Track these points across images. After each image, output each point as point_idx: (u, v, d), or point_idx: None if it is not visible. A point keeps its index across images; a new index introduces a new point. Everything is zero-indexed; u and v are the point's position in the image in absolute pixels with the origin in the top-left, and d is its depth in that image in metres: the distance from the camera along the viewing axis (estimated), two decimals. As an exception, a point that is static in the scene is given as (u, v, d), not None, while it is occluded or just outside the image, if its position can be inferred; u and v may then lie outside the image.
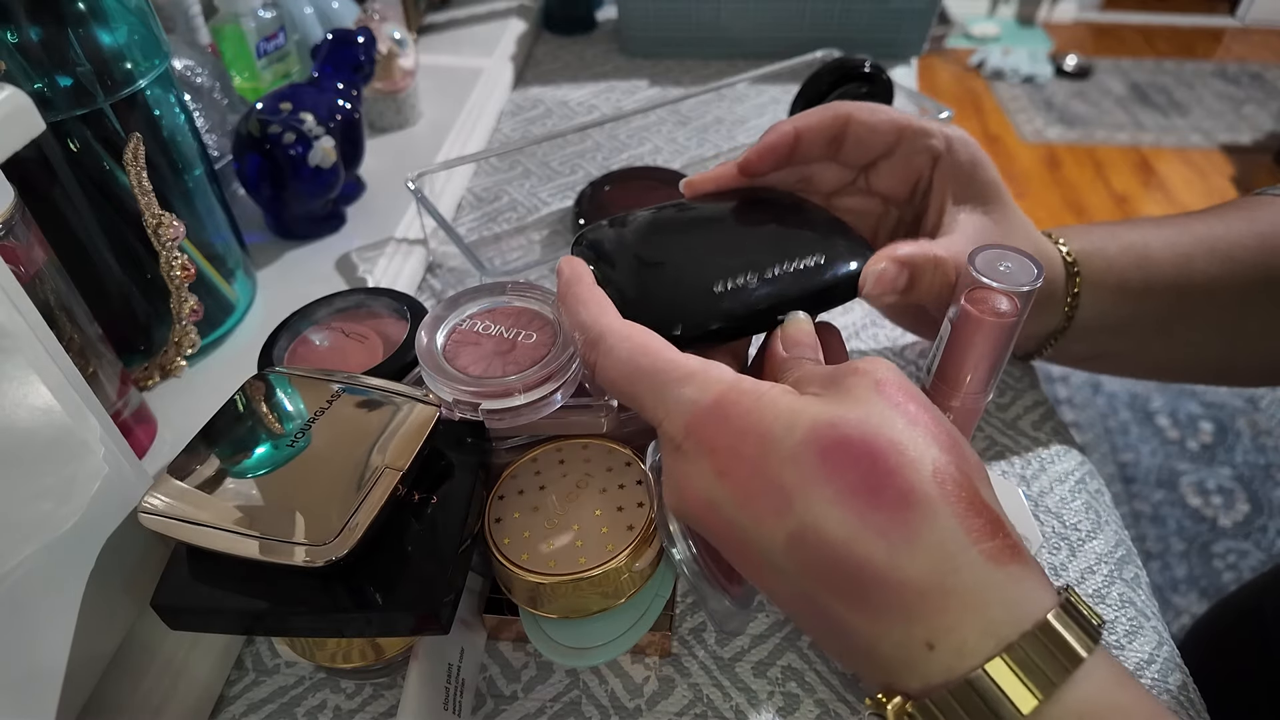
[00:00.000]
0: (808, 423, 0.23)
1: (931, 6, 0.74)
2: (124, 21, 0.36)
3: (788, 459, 0.22)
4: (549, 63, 0.82)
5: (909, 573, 0.20)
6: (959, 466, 0.22)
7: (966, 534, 0.21)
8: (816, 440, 0.22)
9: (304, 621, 0.26)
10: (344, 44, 0.54)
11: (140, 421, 0.38)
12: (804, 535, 0.22)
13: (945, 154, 0.35)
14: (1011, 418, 0.44)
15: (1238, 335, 0.39)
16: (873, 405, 0.23)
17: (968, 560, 0.20)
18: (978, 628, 0.20)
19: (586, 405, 0.32)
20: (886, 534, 0.21)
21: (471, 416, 0.30)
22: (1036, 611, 0.20)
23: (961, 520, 0.21)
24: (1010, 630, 0.20)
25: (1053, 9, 3.00)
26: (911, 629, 0.20)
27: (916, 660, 0.20)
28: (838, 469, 0.22)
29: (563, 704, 0.33)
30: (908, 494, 0.21)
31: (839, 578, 0.21)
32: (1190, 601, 1.25)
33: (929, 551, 0.21)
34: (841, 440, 0.22)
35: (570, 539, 0.30)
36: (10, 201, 0.29)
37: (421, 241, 0.55)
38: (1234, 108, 2.51)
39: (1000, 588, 0.20)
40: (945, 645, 0.20)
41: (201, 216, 0.43)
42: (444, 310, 0.33)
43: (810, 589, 0.22)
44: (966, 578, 0.20)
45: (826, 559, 0.21)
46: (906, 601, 0.21)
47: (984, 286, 0.29)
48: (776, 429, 0.23)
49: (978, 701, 0.19)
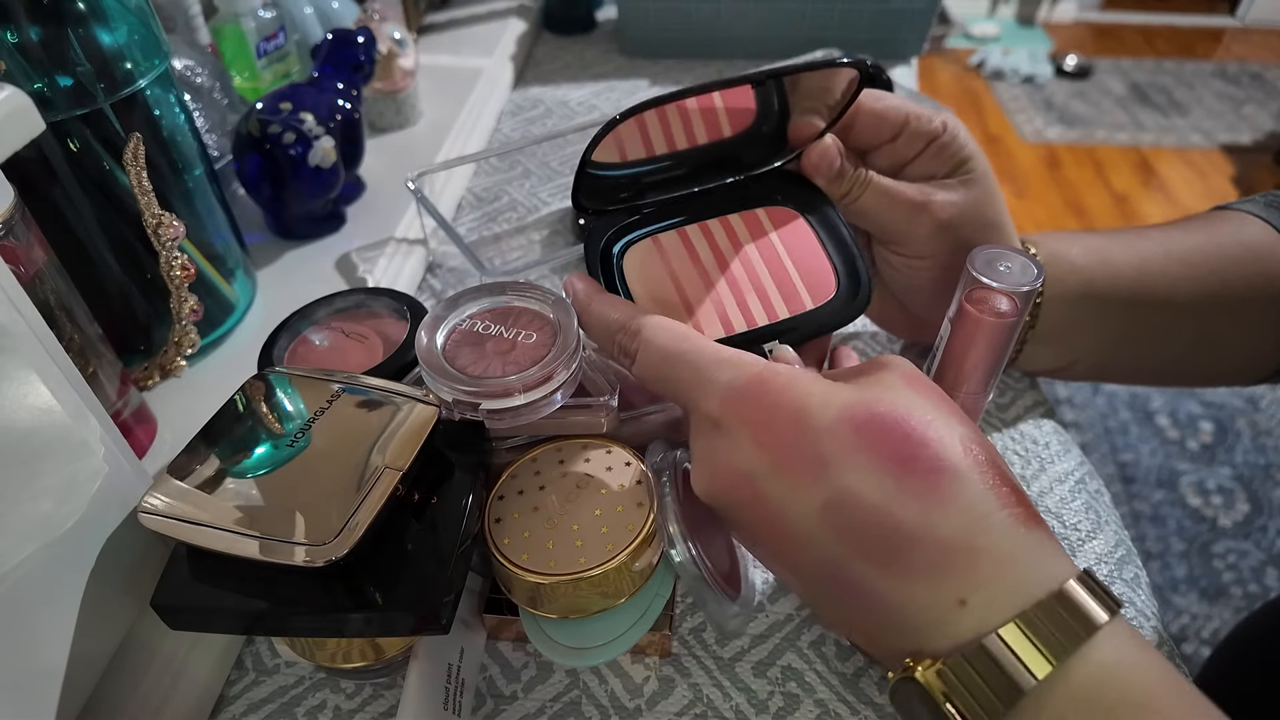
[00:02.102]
0: (842, 402, 0.24)
1: (931, 6, 0.74)
2: (124, 21, 0.36)
3: (824, 432, 0.24)
4: (549, 63, 0.82)
5: (942, 531, 0.22)
6: (982, 444, 0.24)
7: (997, 498, 0.22)
8: (852, 417, 0.24)
9: (304, 621, 0.26)
10: (344, 44, 0.54)
11: (140, 421, 0.38)
12: (840, 501, 0.23)
13: (943, 134, 0.36)
14: (1011, 418, 0.44)
15: (1196, 340, 0.40)
16: (901, 391, 0.25)
17: (998, 521, 0.22)
18: (1008, 584, 0.21)
19: (586, 405, 0.32)
20: (921, 496, 0.22)
21: (471, 416, 0.30)
22: (1061, 574, 0.21)
23: (992, 486, 0.22)
24: (1037, 588, 0.21)
25: (1053, 9, 3.00)
26: (944, 586, 0.22)
27: (947, 618, 0.21)
28: (873, 441, 0.23)
29: (563, 704, 0.33)
30: (940, 461, 0.23)
31: (873, 540, 0.22)
32: (1190, 601, 1.25)
33: (961, 513, 0.22)
34: (875, 416, 0.24)
35: (570, 539, 0.30)
36: (10, 201, 0.29)
37: (421, 241, 0.55)
38: (1234, 108, 2.51)
39: (1027, 549, 0.22)
40: (976, 600, 0.21)
41: (201, 216, 0.43)
42: (444, 310, 0.33)
43: (842, 555, 0.23)
44: (997, 538, 0.22)
45: (861, 523, 0.23)
46: (940, 560, 0.22)
47: (984, 286, 0.29)
48: (812, 404, 0.24)
49: (1011, 656, 0.20)
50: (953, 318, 0.31)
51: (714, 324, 0.33)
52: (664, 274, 0.34)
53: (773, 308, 0.34)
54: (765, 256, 0.35)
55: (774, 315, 0.33)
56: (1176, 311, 0.38)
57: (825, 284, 0.34)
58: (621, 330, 0.29)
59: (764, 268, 0.35)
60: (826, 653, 0.34)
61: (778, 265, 0.35)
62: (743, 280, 0.35)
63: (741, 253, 0.36)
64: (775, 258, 0.35)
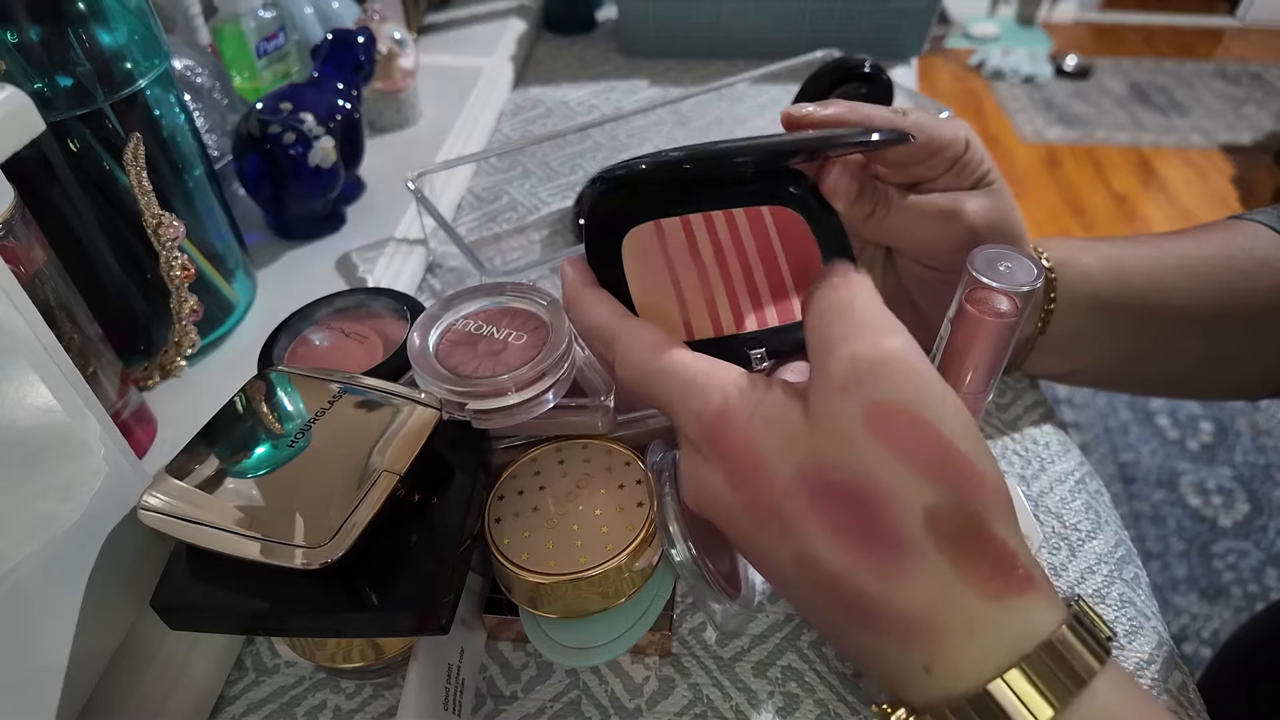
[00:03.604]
0: (798, 459, 0.23)
1: (931, 6, 0.74)
2: (124, 21, 0.35)
3: (782, 490, 0.23)
4: (549, 63, 0.82)
5: (902, 607, 0.21)
6: (960, 501, 0.21)
7: (960, 577, 0.21)
8: (805, 481, 0.22)
9: (305, 621, 0.26)
10: (344, 44, 0.53)
11: (140, 421, 0.38)
12: (804, 560, 0.22)
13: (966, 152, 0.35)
14: (1011, 418, 0.44)
15: (1204, 355, 0.39)
16: (859, 444, 0.22)
17: (961, 598, 0.21)
18: (973, 655, 0.20)
19: (582, 406, 0.32)
20: (879, 574, 0.21)
21: (459, 416, 0.30)
22: (1039, 632, 0.20)
23: (955, 564, 0.21)
24: (1010, 655, 0.20)
25: (1052, 9, 3.00)
26: (910, 653, 0.21)
27: (916, 679, 0.21)
28: (828, 510, 0.22)
29: (563, 704, 0.33)
30: (898, 540, 0.21)
31: (840, 602, 0.22)
32: (1190, 601, 1.25)
33: (921, 591, 0.21)
34: (829, 485, 0.22)
35: (570, 539, 0.30)
36: (10, 201, 0.29)
37: (421, 241, 0.55)
38: (1234, 108, 2.51)
39: (998, 621, 0.21)
40: (941, 670, 0.21)
41: (201, 216, 0.43)
42: (439, 310, 0.33)
43: (817, 603, 0.23)
44: (959, 613, 0.21)
45: (826, 585, 0.22)
46: (902, 631, 0.21)
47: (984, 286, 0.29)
48: (770, 458, 0.23)
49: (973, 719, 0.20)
50: (953, 318, 0.31)
51: (704, 321, 0.33)
52: (661, 264, 0.34)
53: (764, 313, 0.34)
54: (764, 258, 0.35)
55: (764, 321, 0.33)
56: (1185, 325, 0.38)
57: None
58: (598, 338, 0.28)
59: (761, 271, 0.35)
60: (826, 653, 0.34)
61: (774, 270, 0.35)
62: (739, 281, 0.35)
63: (741, 251, 0.36)
64: (773, 260, 0.35)
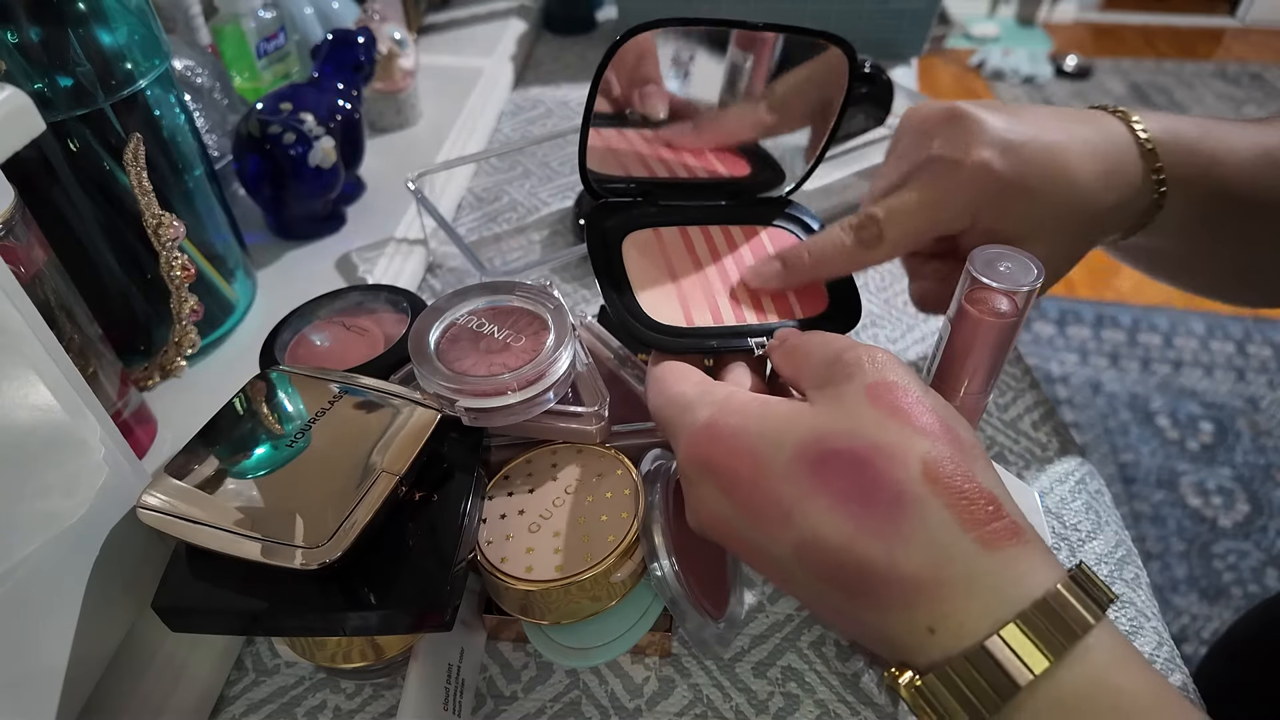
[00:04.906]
0: (795, 439, 0.24)
1: (931, 6, 0.74)
2: (124, 22, 0.35)
3: (781, 477, 0.24)
4: (549, 63, 0.82)
5: (906, 569, 0.22)
6: (953, 452, 0.23)
7: (959, 524, 0.22)
8: (805, 456, 0.23)
9: (306, 621, 0.26)
10: (344, 44, 0.54)
11: (140, 421, 0.38)
12: (807, 544, 0.23)
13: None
14: (1011, 418, 0.44)
15: None
16: (860, 413, 0.24)
17: (961, 550, 0.22)
18: (974, 611, 0.21)
19: (577, 413, 0.32)
20: (882, 535, 0.22)
21: (450, 413, 0.30)
22: (1035, 590, 0.21)
23: (953, 511, 0.22)
24: (1008, 610, 0.21)
25: (1053, 9, 3.00)
26: (914, 617, 0.22)
27: (921, 643, 0.22)
28: (829, 480, 0.23)
29: (563, 704, 0.33)
30: (899, 495, 0.22)
31: (844, 579, 0.23)
32: (1190, 602, 1.25)
33: (924, 548, 0.22)
34: (829, 453, 0.23)
35: (550, 545, 0.29)
36: (10, 201, 0.29)
37: (421, 242, 0.55)
38: (1234, 108, 2.51)
39: (994, 573, 0.22)
40: (944, 629, 0.21)
41: (201, 216, 0.43)
42: (445, 303, 0.33)
43: (820, 588, 0.24)
44: (960, 568, 0.21)
45: (831, 563, 0.23)
46: (906, 595, 0.22)
47: (984, 286, 0.29)
48: (765, 449, 0.24)
49: (973, 673, 0.21)
50: (952, 318, 0.31)
51: (704, 312, 0.33)
52: (661, 262, 0.35)
53: (762, 310, 0.34)
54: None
55: (762, 316, 0.34)
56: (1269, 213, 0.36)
57: (817, 300, 0.35)
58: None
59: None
60: (826, 653, 0.34)
61: None
62: (736, 280, 0.35)
63: (738, 255, 0.36)
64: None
